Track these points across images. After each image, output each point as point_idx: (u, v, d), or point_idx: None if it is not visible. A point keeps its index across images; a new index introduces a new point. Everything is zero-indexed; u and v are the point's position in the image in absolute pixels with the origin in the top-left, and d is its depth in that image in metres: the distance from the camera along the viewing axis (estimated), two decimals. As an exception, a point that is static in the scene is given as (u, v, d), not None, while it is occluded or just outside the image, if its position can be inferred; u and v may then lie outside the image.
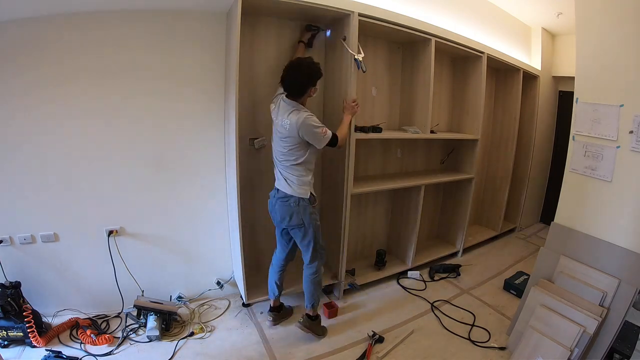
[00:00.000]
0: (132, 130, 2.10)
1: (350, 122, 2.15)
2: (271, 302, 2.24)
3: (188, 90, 2.16)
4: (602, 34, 1.80)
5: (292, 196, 1.93)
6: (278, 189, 1.97)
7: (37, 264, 2.06)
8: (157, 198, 2.24)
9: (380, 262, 2.85)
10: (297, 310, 2.37)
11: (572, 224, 1.97)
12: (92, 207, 2.10)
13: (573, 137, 1.97)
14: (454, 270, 3.03)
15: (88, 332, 1.97)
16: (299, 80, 1.83)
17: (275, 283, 2.18)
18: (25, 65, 1.83)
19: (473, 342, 2.15)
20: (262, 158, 2.37)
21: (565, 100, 4.12)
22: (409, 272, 2.93)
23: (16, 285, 1.89)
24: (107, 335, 1.98)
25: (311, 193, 1.98)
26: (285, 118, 1.83)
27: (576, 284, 1.86)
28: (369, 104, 2.73)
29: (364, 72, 2.14)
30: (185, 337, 2.08)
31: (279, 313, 2.27)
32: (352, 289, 2.54)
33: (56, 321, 2.08)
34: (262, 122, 2.33)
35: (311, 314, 2.13)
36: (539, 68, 3.79)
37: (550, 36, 3.95)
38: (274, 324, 2.23)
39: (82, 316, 2.13)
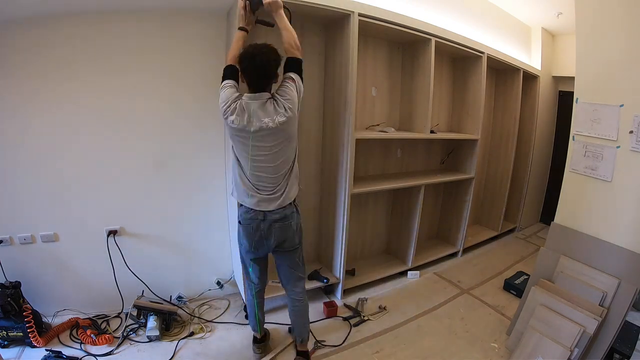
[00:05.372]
0: (132, 130, 2.10)
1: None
2: (257, 335, 1.95)
3: (188, 90, 2.16)
4: (602, 34, 1.80)
5: (291, 209, 1.67)
6: (270, 210, 1.61)
7: (37, 264, 2.06)
8: (157, 198, 2.24)
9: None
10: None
11: (572, 224, 1.97)
12: (92, 207, 2.10)
13: (573, 137, 1.97)
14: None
15: (88, 332, 1.97)
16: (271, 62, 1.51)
17: (261, 317, 1.92)
18: (25, 65, 1.83)
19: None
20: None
21: (565, 100, 4.12)
22: (409, 273, 2.92)
23: (16, 285, 1.89)
24: (107, 335, 1.98)
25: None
26: (273, 113, 1.50)
27: (576, 284, 1.86)
28: (369, 104, 2.73)
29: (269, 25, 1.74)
30: (185, 337, 2.07)
31: (266, 343, 2.01)
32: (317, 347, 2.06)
33: (56, 321, 2.08)
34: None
35: (306, 349, 1.92)
36: (539, 68, 3.79)
37: (550, 36, 3.95)
38: (262, 357, 1.94)
39: (82, 316, 2.13)
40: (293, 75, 1.59)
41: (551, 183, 4.42)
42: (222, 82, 1.60)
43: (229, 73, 1.61)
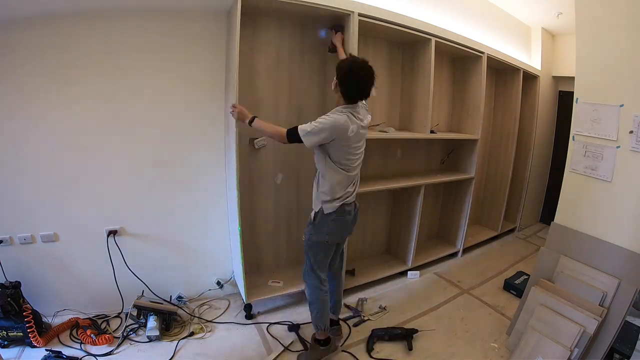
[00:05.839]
0: (132, 130, 2.10)
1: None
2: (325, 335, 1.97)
3: (188, 90, 2.16)
4: (602, 34, 1.80)
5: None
6: (356, 202, 1.90)
7: (37, 264, 2.05)
8: (157, 198, 2.24)
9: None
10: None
11: (572, 224, 1.97)
12: (92, 207, 2.10)
13: (573, 137, 1.97)
14: (405, 338, 2.10)
15: (88, 332, 1.97)
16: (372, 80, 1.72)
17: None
18: (25, 65, 1.83)
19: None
20: (262, 158, 2.37)
21: (565, 100, 4.12)
22: (409, 273, 2.92)
23: (16, 285, 1.89)
24: (107, 335, 1.98)
25: None
26: (365, 114, 1.86)
27: (576, 284, 1.86)
28: (369, 104, 2.70)
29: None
30: (185, 337, 2.07)
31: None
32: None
33: (56, 321, 2.08)
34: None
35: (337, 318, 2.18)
36: (539, 68, 3.79)
37: (550, 36, 3.95)
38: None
39: (82, 316, 2.13)
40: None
41: (551, 183, 4.42)
42: (297, 132, 1.65)
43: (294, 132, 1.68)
